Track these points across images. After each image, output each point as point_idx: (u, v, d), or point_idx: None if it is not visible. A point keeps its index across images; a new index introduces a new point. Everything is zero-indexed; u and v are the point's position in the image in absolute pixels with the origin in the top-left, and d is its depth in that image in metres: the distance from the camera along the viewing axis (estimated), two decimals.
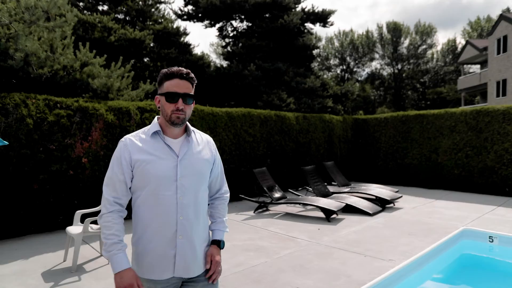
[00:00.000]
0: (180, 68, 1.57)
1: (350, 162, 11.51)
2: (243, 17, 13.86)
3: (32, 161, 5.30)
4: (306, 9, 14.29)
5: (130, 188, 1.59)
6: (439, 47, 40.63)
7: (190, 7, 14.05)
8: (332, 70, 42.54)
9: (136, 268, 1.58)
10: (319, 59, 41.49)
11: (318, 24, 14.59)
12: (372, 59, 41.31)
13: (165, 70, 1.59)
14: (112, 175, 1.57)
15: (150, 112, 6.66)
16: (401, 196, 7.77)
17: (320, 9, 14.40)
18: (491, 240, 5.49)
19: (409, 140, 10.61)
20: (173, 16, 14.11)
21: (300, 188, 8.67)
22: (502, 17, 21.92)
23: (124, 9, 11.99)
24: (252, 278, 3.74)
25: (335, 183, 8.91)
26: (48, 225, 5.60)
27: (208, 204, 1.79)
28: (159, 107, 1.60)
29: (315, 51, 16.95)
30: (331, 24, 14.62)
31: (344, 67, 41.83)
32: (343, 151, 11.22)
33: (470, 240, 5.68)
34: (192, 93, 1.58)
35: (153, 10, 13.18)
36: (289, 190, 8.21)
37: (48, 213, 5.54)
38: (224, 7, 12.87)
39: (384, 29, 40.49)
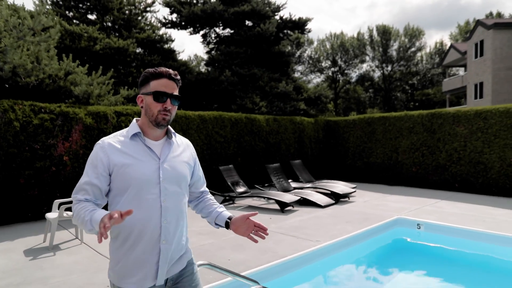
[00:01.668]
0: (167, 68, 1.54)
1: (321, 161, 12.36)
2: (221, 26, 14.74)
3: (18, 159, 6.11)
4: (284, 17, 15.18)
5: (106, 195, 1.52)
6: (427, 50, 41.48)
7: (174, 15, 14.93)
8: (324, 72, 43.46)
9: (116, 278, 1.51)
10: (310, 61, 42.39)
11: (296, 31, 15.49)
12: (362, 61, 42.19)
13: (151, 69, 1.53)
14: (84, 182, 1.47)
15: (126, 115, 7.48)
16: (355, 191, 8.61)
17: (297, 17, 15.34)
18: (418, 227, 6.34)
19: (373, 140, 11.47)
20: (159, 24, 14.99)
21: (266, 185, 9.51)
22: (478, 22, 22.84)
23: (111, 18, 12.83)
24: (196, 253, 4.55)
25: (301, 180, 9.74)
26: (33, 215, 6.41)
27: (197, 204, 1.83)
28: (142, 107, 1.55)
29: (302, 53, 17.69)
30: (309, 31, 15.51)
31: (335, 69, 42.71)
32: (315, 151, 12.05)
33: (402, 227, 6.53)
34: (178, 94, 1.56)
35: (139, 18, 14.02)
36: (255, 186, 9.04)
37: (33, 204, 6.35)
38: (205, 16, 13.73)
39: (374, 32, 41.42)
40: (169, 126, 1.62)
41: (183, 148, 1.67)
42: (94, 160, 1.49)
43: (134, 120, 1.60)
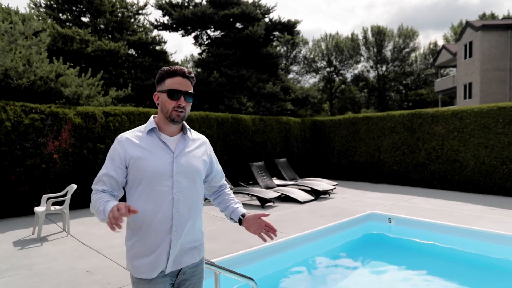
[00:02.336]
0: (181, 67, 1.61)
1: (308, 159, 12.72)
2: (212, 28, 15.10)
3: (10, 157, 6.45)
4: (273, 20, 15.57)
5: (123, 187, 1.62)
6: (421, 50, 41.88)
7: (166, 17, 15.28)
8: (320, 72, 43.82)
9: (131, 268, 1.58)
10: (305, 62, 42.74)
11: (285, 33, 15.89)
12: (357, 62, 42.57)
13: (166, 68, 1.61)
14: (102, 174, 1.57)
15: (114, 116, 7.82)
16: (335, 188, 8.97)
17: (286, 19, 15.75)
18: (389, 221, 6.71)
19: (357, 139, 11.84)
20: (151, 27, 15.33)
21: (251, 182, 9.87)
22: (468, 24, 23.25)
23: (103, 21, 13.17)
24: None
25: (285, 178, 10.10)
26: (24, 210, 6.75)
27: (216, 198, 1.90)
28: (158, 104, 1.63)
29: (298, 53, 17.91)
30: (298, 33, 15.88)
31: (331, 69, 43.08)
32: (301, 150, 12.42)
33: (374, 221, 6.90)
34: (192, 91, 1.63)
35: (132, 20, 14.36)
36: (240, 183, 9.40)
37: (24, 200, 6.69)
38: (196, 19, 14.09)
39: (369, 33, 41.80)
40: (184, 122, 1.70)
41: (198, 144, 1.73)
42: (112, 153, 1.59)
43: (152, 117, 1.69)
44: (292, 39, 38.13)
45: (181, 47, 69.82)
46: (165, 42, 15.08)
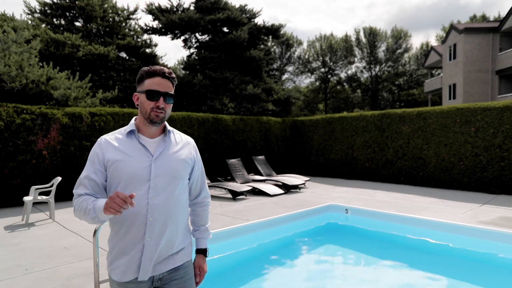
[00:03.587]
0: (161, 67, 1.57)
1: (288, 157, 13.45)
2: (200, 33, 15.85)
3: (3, 153, 7.18)
4: (258, 24, 16.30)
5: (105, 189, 1.57)
6: (414, 51, 42.57)
7: (156, 22, 16.05)
8: (315, 73, 44.52)
9: (109, 270, 1.58)
10: (300, 62, 43.44)
11: (270, 36, 16.64)
12: (350, 62, 43.25)
13: (146, 68, 1.57)
14: (83, 177, 1.55)
15: (99, 116, 8.54)
16: (304, 183, 9.68)
17: (270, 24, 16.50)
18: (346, 212, 7.42)
19: (333, 138, 12.56)
20: (141, 31, 16.07)
21: (228, 177, 10.59)
22: (452, 27, 23.95)
23: (95, 26, 13.91)
24: None
25: (262, 173, 10.83)
26: (17, 201, 7.48)
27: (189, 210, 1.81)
28: (137, 105, 1.60)
29: (292, 54, 18.35)
30: (282, 37, 16.60)
31: (326, 70, 43.78)
32: (281, 148, 13.14)
33: (333, 212, 7.61)
34: (172, 92, 1.58)
35: (123, 25, 15.11)
36: (218, 178, 10.13)
37: (16, 192, 7.42)
38: (183, 23, 14.83)
39: (362, 34, 42.49)
40: (167, 124, 1.66)
41: (181, 146, 1.67)
42: (92, 156, 1.56)
43: (133, 118, 1.65)
44: (286, 40, 38.88)
45: (176, 51, 70.24)
46: (155, 45, 15.83)
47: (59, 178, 6.34)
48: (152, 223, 1.52)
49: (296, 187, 9.34)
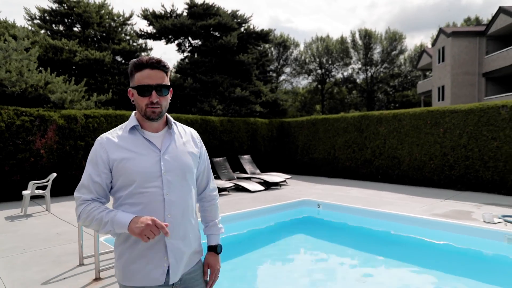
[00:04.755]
0: (150, 56, 1.46)
1: (274, 157, 14.13)
2: (191, 38, 16.60)
3: (4, 152, 7.87)
4: (248, 29, 17.01)
5: (109, 191, 1.48)
6: (408, 52, 43.22)
7: (151, 27, 16.76)
8: (312, 74, 45.22)
9: (121, 275, 1.45)
10: (297, 63, 44.12)
11: (260, 41, 17.37)
12: (346, 64, 43.93)
13: (134, 60, 1.46)
14: (86, 179, 1.44)
15: (93, 118, 9.23)
16: (285, 181, 10.35)
17: (259, 29, 17.26)
18: (318, 206, 8.09)
19: (317, 138, 13.23)
20: (136, 36, 16.82)
21: (215, 175, 11.26)
22: (441, 30, 24.60)
23: (92, 31, 14.63)
24: None
25: (247, 172, 11.50)
26: (16, 196, 8.17)
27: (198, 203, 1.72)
28: (133, 101, 1.49)
29: (289, 56, 18.85)
30: (271, 41, 17.30)
31: (323, 71, 44.45)
32: (268, 148, 13.82)
33: (307, 207, 8.27)
34: (166, 82, 1.47)
35: (119, 30, 15.83)
36: None
37: (16, 187, 8.11)
38: (176, 29, 15.54)
39: (357, 36, 43.17)
40: (168, 116, 1.57)
41: (186, 138, 1.60)
42: (94, 157, 1.46)
43: (133, 113, 1.54)
44: (283, 42, 39.57)
45: (172, 54, 70.53)
46: (150, 49, 16.54)
47: (54, 174, 7.02)
48: (171, 221, 1.44)
49: (277, 184, 10.00)
